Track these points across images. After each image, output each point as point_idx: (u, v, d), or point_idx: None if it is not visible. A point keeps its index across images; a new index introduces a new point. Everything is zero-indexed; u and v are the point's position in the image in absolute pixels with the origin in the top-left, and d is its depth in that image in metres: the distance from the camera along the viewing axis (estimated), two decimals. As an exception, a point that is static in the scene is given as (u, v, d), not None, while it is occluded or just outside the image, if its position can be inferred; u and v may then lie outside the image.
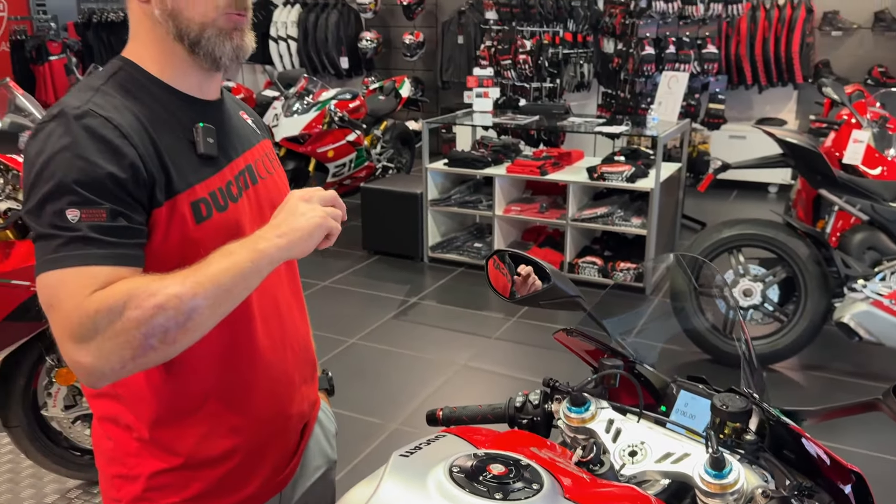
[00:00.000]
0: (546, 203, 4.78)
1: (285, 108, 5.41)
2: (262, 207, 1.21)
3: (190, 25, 1.10)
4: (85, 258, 0.97)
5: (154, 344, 0.95)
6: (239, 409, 1.20)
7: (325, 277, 4.78)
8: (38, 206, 0.99)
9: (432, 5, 7.98)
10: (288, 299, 1.30)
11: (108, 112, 1.03)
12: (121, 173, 1.00)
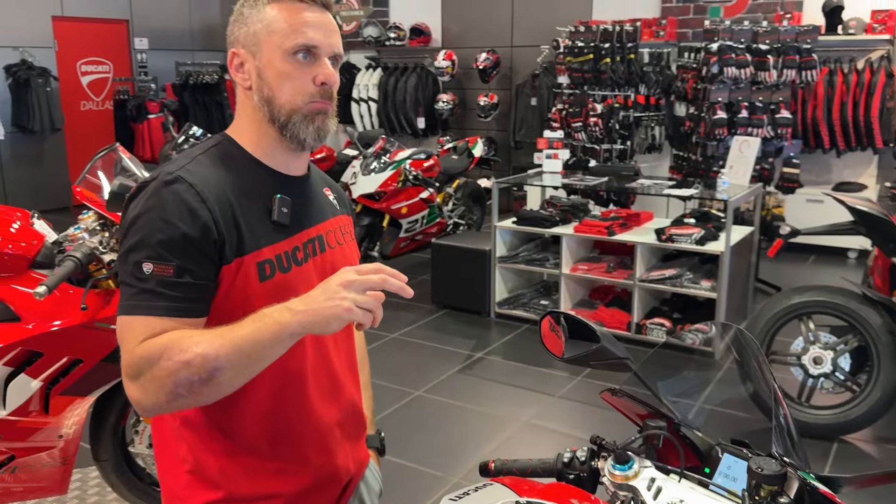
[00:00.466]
0: (614, 263, 4.82)
1: (363, 167, 5.66)
2: (327, 274, 1.28)
3: (281, 111, 1.26)
4: (148, 309, 1.13)
5: (182, 392, 1.09)
6: (284, 456, 1.31)
7: (394, 329, 4.92)
8: (123, 256, 1.17)
9: (507, 69, 8.24)
10: (341, 360, 1.40)
11: (194, 179, 1.20)
12: (193, 233, 1.16)
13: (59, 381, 2.25)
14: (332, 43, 1.28)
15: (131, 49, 9.08)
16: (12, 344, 2.15)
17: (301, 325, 1.10)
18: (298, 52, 1.24)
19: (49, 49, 8.19)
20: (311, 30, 1.25)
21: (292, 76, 1.25)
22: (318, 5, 1.27)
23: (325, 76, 1.26)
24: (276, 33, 1.24)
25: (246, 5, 1.28)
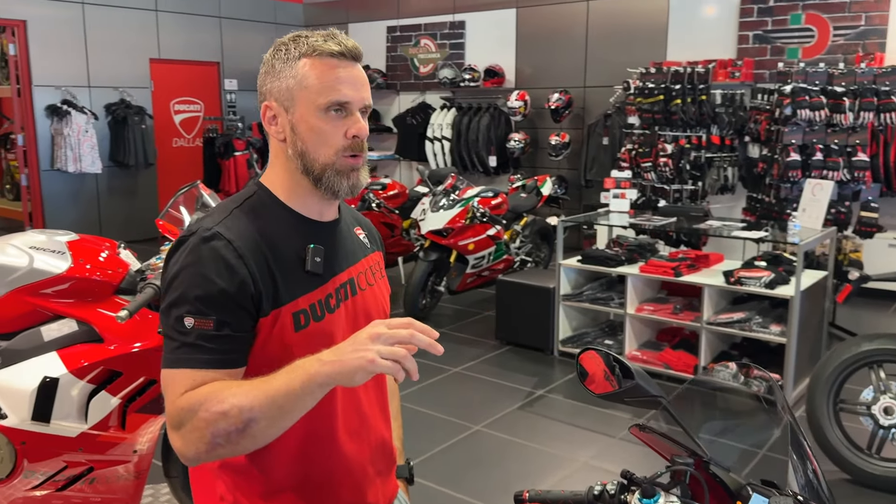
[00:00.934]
0: (680, 304, 4.77)
1: (432, 204, 5.81)
2: (358, 317, 1.38)
3: (315, 165, 1.31)
4: (190, 362, 1.19)
5: (220, 442, 1.14)
6: (316, 496, 1.36)
7: (457, 364, 4.99)
8: (166, 310, 1.23)
9: (580, 109, 8.31)
10: (370, 398, 1.44)
11: (231, 235, 1.25)
12: (231, 288, 1.21)
13: (135, 399, 2.42)
14: (363, 96, 1.33)
15: (221, 90, 9.61)
16: (96, 363, 2.34)
17: (328, 375, 1.12)
18: (331, 109, 1.29)
19: (146, 89, 8.76)
20: (343, 86, 1.29)
21: (325, 131, 1.29)
22: (349, 59, 1.31)
23: (357, 130, 1.31)
24: (308, 89, 1.28)
25: (277, 58, 1.32)
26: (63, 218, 7.93)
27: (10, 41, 7.78)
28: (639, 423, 1.45)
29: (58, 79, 7.98)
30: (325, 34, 1.34)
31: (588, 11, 8.13)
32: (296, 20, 10.35)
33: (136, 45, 8.64)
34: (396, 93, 9.68)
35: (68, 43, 8.05)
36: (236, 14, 9.63)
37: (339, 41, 1.32)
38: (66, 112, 7.84)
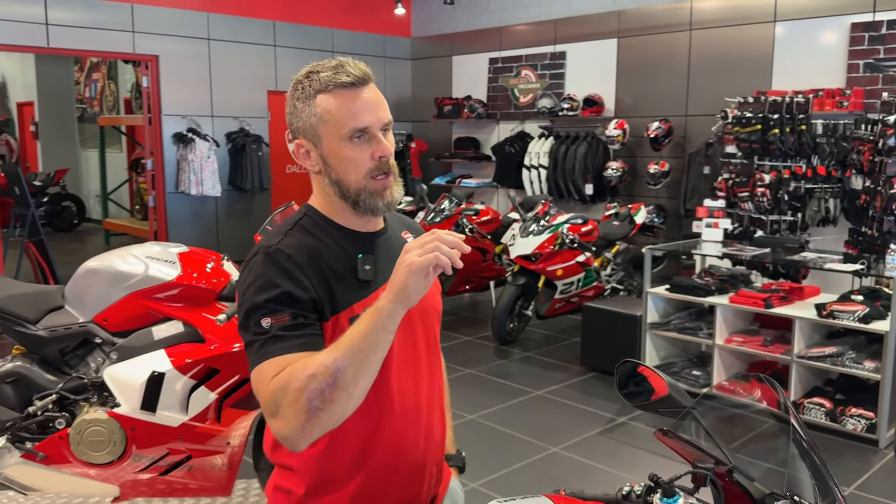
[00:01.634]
0: (771, 337, 4.68)
1: (522, 229, 5.95)
2: (412, 316, 1.43)
3: (349, 190, 1.43)
4: (275, 351, 1.28)
5: (317, 405, 1.21)
6: (378, 487, 1.48)
7: (540, 387, 5.08)
8: (244, 323, 1.35)
9: (680, 137, 8.23)
10: (429, 397, 1.56)
11: (290, 251, 1.37)
12: (297, 292, 1.33)
13: (230, 395, 2.70)
14: (381, 116, 1.42)
15: (331, 119, 10.16)
16: (197, 360, 2.63)
17: (391, 302, 1.23)
18: (354, 137, 1.40)
19: (263, 119, 9.39)
20: (360, 113, 1.39)
21: (353, 158, 1.41)
22: (360, 85, 1.40)
23: (382, 150, 1.42)
24: (329, 123, 1.40)
25: (297, 98, 1.43)
26: (185, 237, 8.58)
27: (143, 74, 8.57)
28: (663, 429, 1.54)
29: (184, 109, 8.71)
30: (334, 66, 1.43)
31: (690, 40, 8.10)
32: (403, 53, 10.81)
33: (255, 77, 9.29)
34: (496, 122, 9.90)
35: (195, 76, 8.77)
36: (348, 49, 10.16)
37: (347, 71, 1.42)
38: (191, 139, 8.52)
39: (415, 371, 1.52)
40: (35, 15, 7.54)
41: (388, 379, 1.43)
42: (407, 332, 1.47)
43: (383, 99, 1.46)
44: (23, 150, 13.97)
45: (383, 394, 1.44)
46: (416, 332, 1.53)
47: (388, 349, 1.27)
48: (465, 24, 10.15)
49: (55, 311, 2.86)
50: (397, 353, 1.45)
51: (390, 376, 1.44)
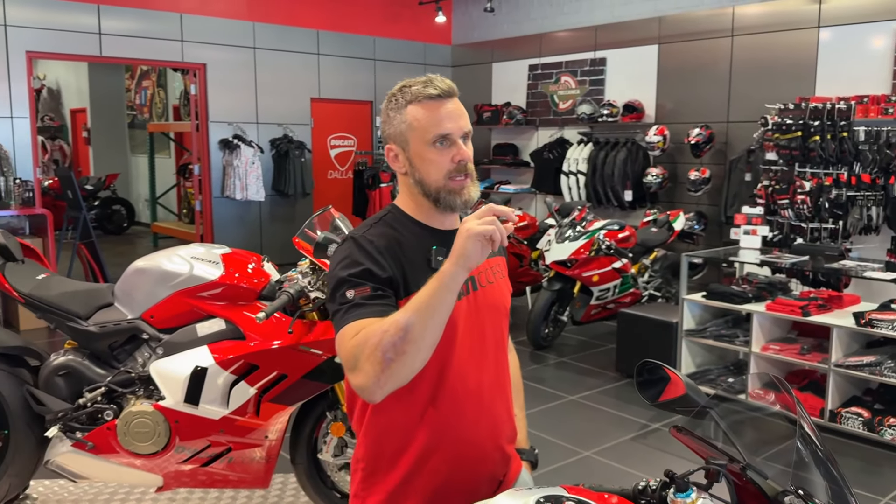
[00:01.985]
0: (809, 345, 4.63)
1: (558, 235, 5.99)
2: (480, 308, 1.65)
3: (430, 189, 1.60)
4: (356, 315, 1.48)
5: (390, 356, 1.38)
6: (438, 462, 1.61)
7: (574, 392, 5.10)
8: (332, 293, 1.55)
9: (722, 144, 8.17)
10: (491, 380, 1.69)
11: (374, 238, 1.57)
12: (377, 270, 1.52)
13: (269, 390, 2.81)
14: (462, 125, 1.60)
15: (373, 126, 10.31)
16: (238, 356, 2.75)
17: (453, 265, 1.40)
18: (437, 142, 1.58)
19: (306, 126, 9.59)
20: (444, 121, 1.58)
21: (435, 161, 1.58)
22: (445, 97, 1.59)
23: (461, 155, 1.59)
24: (416, 130, 1.58)
25: (390, 108, 1.63)
26: (230, 240, 8.78)
27: (192, 82, 8.84)
28: (677, 426, 1.59)
29: (230, 115, 8.95)
30: (424, 81, 1.61)
31: (732, 46, 8.04)
32: (444, 61, 10.92)
33: (299, 85, 9.49)
34: (535, 128, 9.94)
35: (241, 83, 9.01)
36: (389, 57, 10.32)
37: (435, 85, 1.60)
38: (237, 146, 8.75)
39: (479, 360, 1.65)
40: (89, 25, 7.85)
41: (452, 362, 1.59)
42: (474, 323, 1.64)
43: (465, 111, 1.64)
44: (75, 155, 14.47)
45: (448, 375, 1.59)
46: (484, 325, 1.67)
47: (451, 309, 1.43)
48: (506, 31, 10.22)
49: (105, 308, 3.01)
50: (462, 341, 1.61)
51: (454, 361, 1.59)
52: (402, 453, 1.61)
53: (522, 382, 2.00)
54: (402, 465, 1.62)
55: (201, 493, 3.54)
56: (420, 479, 1.62)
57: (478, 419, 1.65)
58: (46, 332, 6.53)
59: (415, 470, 1.61)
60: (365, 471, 1.66)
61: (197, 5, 8.57)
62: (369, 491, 1.65)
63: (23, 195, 7.01)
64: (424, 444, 1.60)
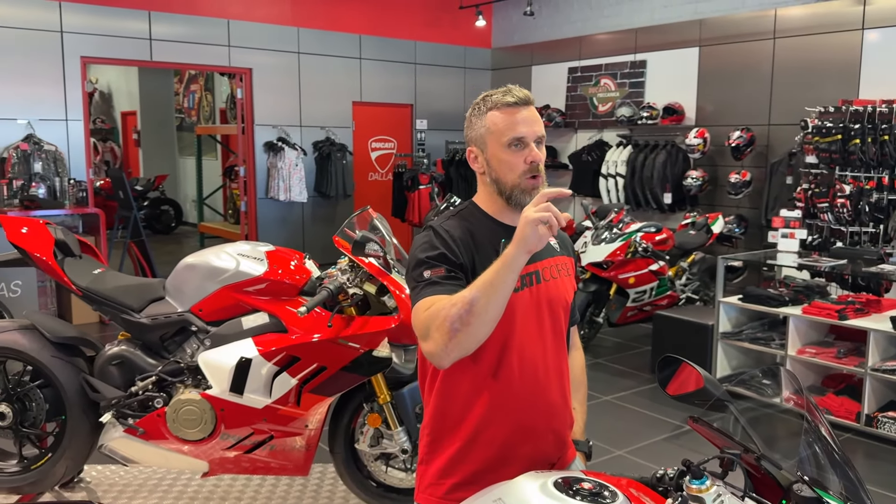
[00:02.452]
0: (845, 349, 4.61)
1: (594, 237, 6.03)
2: (540, 301, 1.81)
3: (504, 188, 1.77)
4: (430, 292, 1.66)
5: (457, 327, 1.55)
6: (492, 435, 1.76)
7: (608, 393, 5.15)
8: (411, 272, 1.73)
9: (763, 147, 8.11)
10: (547, 366, 1.83)
11: (450, 228, 1.77)
12: (450, 256, 1.71)
13: (309, 381, 2.94)
14: (535, 130, 1.77)
15: (413, 129, 10.46)
16: (281, 348, 2.89)
17: (514, 248, 1.55)
18: (512, 144, 1.74)
19: (348, 129, 9.78)
20: (519, 126, 1.74)
21: (510, 162, 1.75)
22: (521, 105, 1.76)
23: (533, 157, 1.75)
24: (494, 133, 1.76)
25: (473, 115, 1.81)
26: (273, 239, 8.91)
27: (238, 86, 9.09)
28: (693, 416, 1.66)
29: (274, 119, 9.18)
30: (504, 90, 1.80)
31: (774, 49, 7.97)
32: (483, 64, 11.02)
33: (341, 89, 9.69)
34: (574, 131, 9.97)
35: (285, 87, 9.23)
36: (430, 60, 10.46)
37: (513, 94, 1.78)
38: (281, 148, 8.97)
39: (538, 346, 1.81)
40: (140, 30, 8.14)
41: (512, 344, 1.75)
42: (535, 312, 1.80)
43: (539, 118, 1.81)
44: (126, 157, 14.93)
45: (508, 354, 1.75)
46: (543, 315, 1.82)
47: (512, 288, 1.59)
48: (546, 34, 10.28)
49: (157, 302, 3.18)
50: (523, 327, 1.77)
51: (515, 342, 1.76)
52: (463, 421, 1.77)
53: (586, 381, 2.14)
54: (461, 432, 1.78)
55: (244, 479, 3.69)
56: (477, 447, 1.77)
57: (533, 399, 1.80)
58: (98, 326, 6.81)
59: (473, 438, 1.77)
60: (430, 436, 1.83)
61: (243, 11, 8.82)
62: (432, 456, 1.82)
63: (76, 195, 7.31)
64: (482, 415, 1.76)
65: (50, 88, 7.62)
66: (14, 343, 3.13)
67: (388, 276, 2.91)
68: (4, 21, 7.35)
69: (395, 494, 3.23)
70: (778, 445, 1.72)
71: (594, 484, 1.43)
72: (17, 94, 7.44)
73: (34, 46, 7.52)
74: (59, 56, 7.68)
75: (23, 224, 3.26)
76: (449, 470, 1.79)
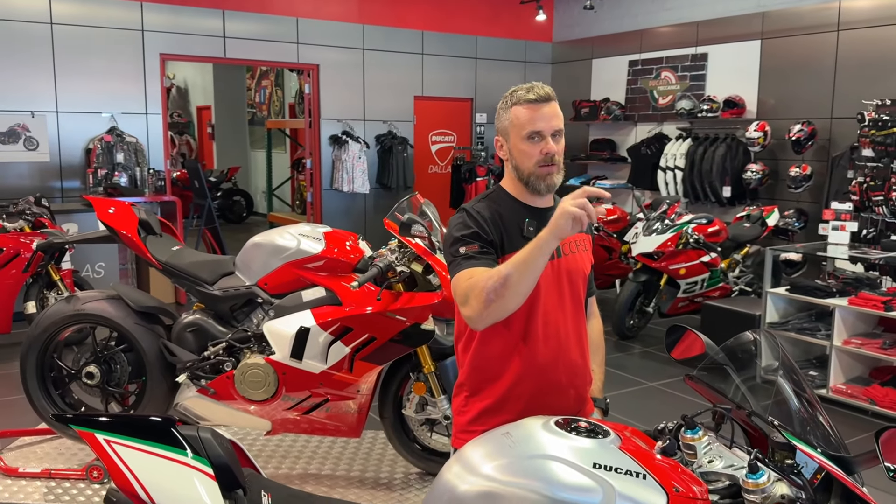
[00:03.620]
0: (891, 340, 4.64)
1: (645, 228, 6.14)
2: (560, 273, 2.03)
3: (523, 174, 1.99)
4: (467, 265, 1.89)
5: (492, 297, 1.77)
6: (521, 390, 1.99)
7: (654, 379, 5.28)
8: (448, 248, 1.97)
9: (824, 140, 8.02)
10: (568, 330, 2.05)
11: (480, 210, 1.99)
12: (481, 233, 1.94)
13: (360, 350, 3.22)
14: (553, 125, 1.97)
15: (472, 123, 10.69)
16: (335, 319, 3.17)
17: (547, 233, 1.73)
18: (530, 137, 1.96)
19: (409, 122, 10.08)
20: (537, 121, 1.95)
21: (528, 152, 1.97)
22: (542, 101, 1.96)
23: (548, 149, 1.96)
24: (515, 126, 1.98)
25: (501, 108, 2.03)
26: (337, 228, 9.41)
27: (305, 81, 9.50)
28: (689, 374, 1.85)
29: (340, 113, 9.55)
30: (528, 87, 2.00)
31: (838, 41, 7.87)
32: (544, 58, 11.15)
33: (403, 84, 9.99)
34: (634, 124, 10.02)
35: (350, 83, 9.59)
36: (491, 55, 10.65)
37: (535, 91, 1.98)
38: (345, 141, 9.34)
39: (559, 312, 2.03)
40: (215, 28, 8.61)
41: (537, 311, 1.98)
42: (556, 282, 2.02)
43: (559, 113, 2.00)
44: (201, 150, 15.64)
45: (534, 320, 1.98)
46: (563, 285, 2.04)
47: (542, 268, 1.81)
48: (607, 27, 10.34)
49: (227, 276, 3.52)
50: (546, 296, 1.98)
51: (539, 310, 1.98)
52: (498, 378, 2.01)
53: (604, 346, 2.36)
54: (497, 387, 2.02)
55: (304, 440, 4.02)
56: (509, 401, 2.00)
57: (556, 359, 2.02)
58: (173, 306, 7.29)
59: (507, 393, 2.00)
60: (467, 390, 2.07)
61: (312, 9, 9.21)
62: (469, 407, 2.06)
63: (155, 184, 7.82)
64: (514, 372, 1.99)
65: (131, 84, 8.16)
66: (102, 311, 3.52)
67: (433, 256, 3.16)
68: (91, 21, 7.91)
69: (438, 458, 3.49)
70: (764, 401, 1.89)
71: (590, 424, 1.65)
72: (101, 89, 8.00)
73: (117, 45, 8.06)
74: (139, 53, 8.20)
75: (111, 205, 3.64)
76: (484, 420, 2.02)
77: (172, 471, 1.44)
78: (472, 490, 1.52)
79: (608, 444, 1.57)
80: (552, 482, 1.48)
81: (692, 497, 1.49)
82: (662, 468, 1.56)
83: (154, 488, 1.42)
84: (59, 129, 7.89)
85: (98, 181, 7.66)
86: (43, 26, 7.67)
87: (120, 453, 1.43)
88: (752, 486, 1.51)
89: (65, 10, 7.76)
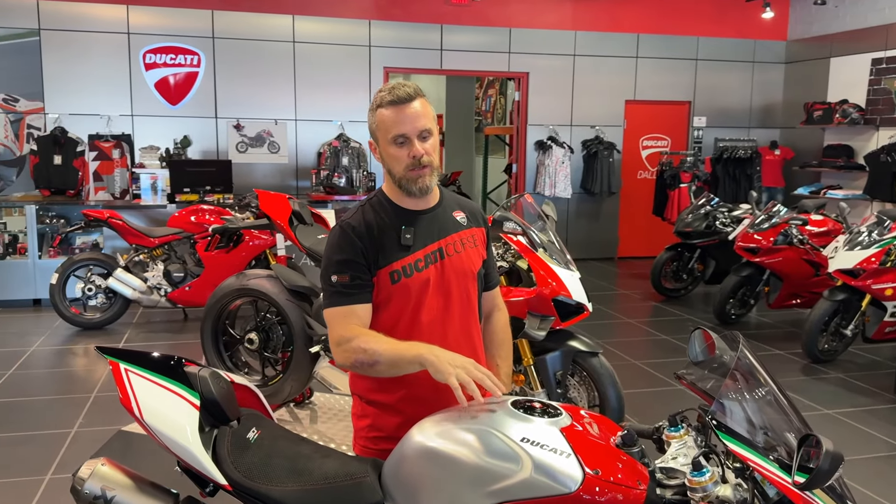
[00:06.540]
0: None
1: (846, 242, 5.51)
2: (448, 275, 1.98)
3: (395, 177, 1.95)
4: (338, 302, 1.89)
5: (357, 366, 1.84)
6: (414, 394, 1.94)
7: (832, 407, 4.73)
8: (322, 269, 1.95)
9: None
10: (455, 332, 1.99)
11: (355, 223, 1.94)
12: (353, 257, 1.89)
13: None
14: (418, 126, 1.89)
15: (689, 126, 10.22)
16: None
17: (427, 362, 1.72)
18: (396, 141, 1.91)
19: (618, 127, 9.92)
20: (401, 124, 1.89)
21: (396, 156, 1.92)
22: (402, 102, 1.89)
23: (414, 152, 1.90)
24: (381, 130, 1.93)
25: (370, 109, 1.96)
26: (537, 232, 9.56)
27: (516, 89, 9.77)
28: (677, 373, 1.77)
29: (547, 119, 9.69)
30: (389, 87, 1.93)
31: None
32: (776, 58, 10.33)
33: (614, 88, 9.86)
34: (875, 128, 8.92)
35: (559, 89, 9.69)
36: (714, 56, 10.11)
37: (395, 92, 1.91)
38: (549, 146, 9.46)
39: (445, 316, 2.00)
40: (433, 42, 9.22)
41: (421, 316, 1.95)
42: (441, 286, 1.98)
43: (426, 112, 1.93)
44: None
45: (417, 326, 1.95)
46: (451, 287, 2.01)
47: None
48: (848, 23, 9.34)
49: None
50: (430, 301, 1.96)
51: (423, 315, 1.96)
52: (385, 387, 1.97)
53: (511, 338, 2.25)
54: (385, 395, 1.98)
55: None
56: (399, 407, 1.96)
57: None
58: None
59: (397, 401, 1.97)
60: (358, 397, 2.07)
61: (526, 19, 9.46)
62: (364, 411, 2.05)
63: (366, 184, 8.58)
64: (401, 379, 1.91)
65: (357, 94, 9.03)
66: (261, 287, 4.05)
67: (533, 254, 3.21)
68: (326, 38, 8.90)
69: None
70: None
71: (545, 405, 1.67)
72: (332, 99, 8.97)
73: (347, 59, 8.99)
74: (366, 67, 9.06)
75: (272, 198, 4.18)
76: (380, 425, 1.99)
77: (165, 397, 1.74)
78: (418, 447, 1.65)
79: (547, 424, 1.59)
80: (481, 449, 1.56)
81: (613, 482, 1.48)
82: (598, 453, 1.55)
83: (146, 407, 1.73)
84: (297, 135, 8.99)
85: (320, 181, 8.60)
86: (286, 45, 8.80)
87: (131, 380, 1.75)
88: (693, 484, 1.48)
89: (305, 29, 8.83)
